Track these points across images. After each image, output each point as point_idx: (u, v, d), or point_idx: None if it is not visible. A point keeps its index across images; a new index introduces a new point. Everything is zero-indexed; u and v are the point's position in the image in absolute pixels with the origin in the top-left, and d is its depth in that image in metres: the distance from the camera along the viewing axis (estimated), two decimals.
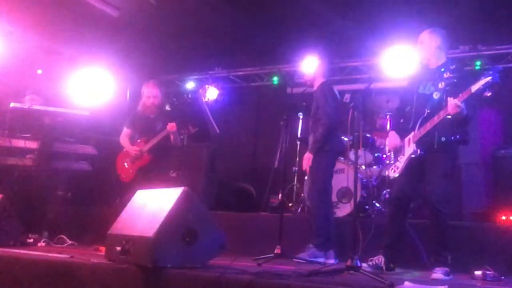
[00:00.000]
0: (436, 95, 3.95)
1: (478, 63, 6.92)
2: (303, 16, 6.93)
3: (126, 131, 5.69)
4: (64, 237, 5.38)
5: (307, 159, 4.74)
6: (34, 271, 3.63)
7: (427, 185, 3.96)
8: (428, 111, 3.93)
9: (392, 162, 4.22)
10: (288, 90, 5.18)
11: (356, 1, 6.49)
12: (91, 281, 3.37)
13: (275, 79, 8.30)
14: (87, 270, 3.44)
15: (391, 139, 4.23)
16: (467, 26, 6.74)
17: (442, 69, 4.04)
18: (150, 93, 5.58)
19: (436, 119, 3.84)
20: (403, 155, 4.09)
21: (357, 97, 3.75)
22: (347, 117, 3.82)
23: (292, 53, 7.53)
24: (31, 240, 5.21)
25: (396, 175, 4.13)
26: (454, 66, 4.05)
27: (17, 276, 3.68)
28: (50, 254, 3.99)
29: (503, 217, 5.17)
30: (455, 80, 3.91)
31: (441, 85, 3.95)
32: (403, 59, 6.24)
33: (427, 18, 5.52)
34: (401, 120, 4.25)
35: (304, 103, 5.88)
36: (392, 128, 4.36)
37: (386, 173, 4.35)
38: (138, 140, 5.58)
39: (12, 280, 3.68)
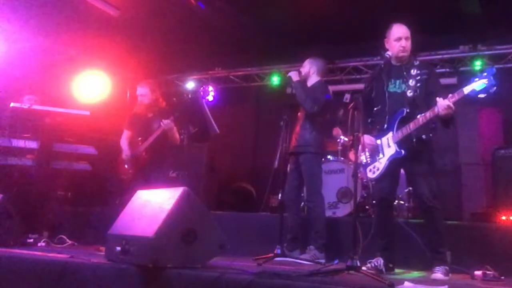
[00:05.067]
0: (409, 93, 3.91)
1: (478, 63, 6.92)
2: (303, 16, 6.93)
3: (126, 133, 5.75)
4: (64, 237, 5.37)
5: None
6: (34, 271, 3.63)
7: (415, 185, 3.95)
8: (407, 110, 3.88)
9: (369, 162, 4.12)
10: (288, 90, 5.18)
11: (356, 1, 6.49)
12: (91, 281, 3.37)
13: (275, 79, 8.32)
14: (87, 270, 3.43)
15: (368, 142, 4.08)
16: (467, 26, 6.74)
17: (408, 66, 3.99)
18: (139, 92, 5.67)
19: (421, 120, 3.78)
20: (383, 155, 4.01)
21: (357, 97, 3.74)
22: (347, 117, 3.82)
23: (292, 53, 7.53)
24: (31, 240, 5.20)
25: (376, 176, 4.05)
26: (418, 62, 4.02)
27: (17, 276, 3.68)
28: (50, 254, 3.98)
29: (503, 217, 5.17)
30: (426, 77, 3.90)
31: (411, 82, 3.92)
32: None
33: (427, 18, 5.53)
34: (369, 120, 4.16)
35: None
36: (363, 131, 4.18)
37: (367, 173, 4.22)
38: (140, 138, 5.61)
39: (12, 280, 3.68)
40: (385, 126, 4.00)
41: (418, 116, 3.80)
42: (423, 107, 3.83)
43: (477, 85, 3.57)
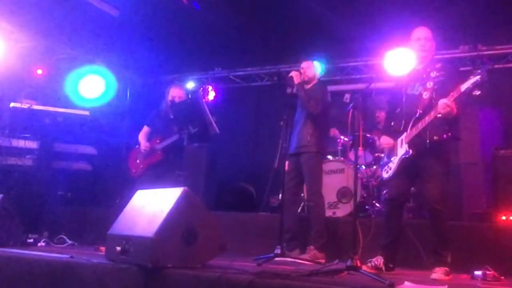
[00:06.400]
0: (425, 95, 3.94)
1: (482, 65, 6.91)
2: (303, 16, 6.93)
3: (145, 129, 5.88)
4: (64, 237, 5.37)
5: None
6: (34, 271, 3.63)
7: (424, 185, 3.96)
8: (420, 111, 3.91)
9: (386, 162, 4.21)
10: (288, 90, 5.20)
11: (356, 1, 6.49)
12: (91, 281, 3.37)
13: (275, 79, 8.30)
14: (87, 270, 3.43)
15: (385, 142, 4.21)
16: (467, 26, 6.74)
17: (428, 69, 4.03)
18: (175, 93, 5.76)
19: (427, 119, 3.83)
20: (396, 155, 4.08)
21: (357, 97, 3.74)
22: (347, 117, 3.82)
23: (292, 53, 7.53)
24: (31, 240, 5.20)
25: (388, 175, 4.12)
26: (439, 65, 4.05)
27: (17, 276, 3.68)
28: (50, 254, 3.98)
29: (503, 217, 5.17)
30: (443, 79, 3.92)
31: (429, 84, 3.94)
32: (404, 59, 6.24)
33: (427, 18, 5.52)
34: (392, 123, 4.23)
35: None
36: (383, 132, 4.33)
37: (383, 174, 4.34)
38: (158, 136, 5.73)
39: (12, 280, 3.68)
40: (401, 128, 4.06)
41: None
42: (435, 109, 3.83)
43: (472, 81, 3.60)
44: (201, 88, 8.45)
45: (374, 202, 5.97)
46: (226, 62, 8.63)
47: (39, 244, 5.18)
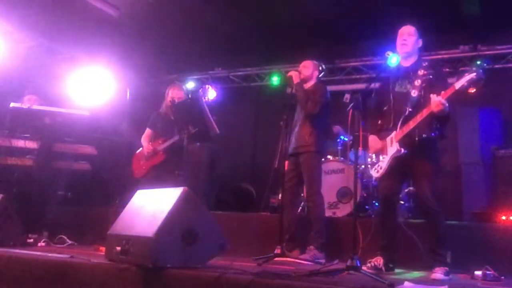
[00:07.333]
0: (414, 93, 3.94)
1: (478, 63, 6.93)
2: (303, 16, 6.93)
3: (147, 131, 5.89)
4: (64, 237, 5.37)
5: None
6: (34, 271, 3.63)
7: (415, 185, 3.96)
8: (410, 109, 3.91)
9: (374, 161, 4.19)
10: (288, 90, 5.21)
11: (357, 1, 6.49)
12: (91, 281, 3.37)
13: (275, 79, 8.31)
14: (87, 270, 3.43)
15: (372, 143, 4.19)
16: (467, 26, 6.75)
17: (415, 67, 4.03)
18: (176, 94, 5.76)
19: (419, 118, 3.82)
20: (386, 154, 4.05)
21: (357, 97, 3.74)
22: (347, 117, 3.82)
23: (292, 53, 7.53)
24: (31, 240, 5.20)
25: (379, 175, 4.10)
26: (426, 63, 4.05)
27: (17, 276, 3.68)
28: (50, 254, 3.98)
29: (503, 217, 5.17)
30: (431, 77, 3.92)
31: (417, 82, 3.95)
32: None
33: (427, 18, 5.53)
34: (379, 122, 4.22)
35: None
36: (371, 132, 4.29)
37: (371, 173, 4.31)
38: (160, 138, 5.75)
39: (12, 280, 3.68)
40: (391, 125, 4.05)
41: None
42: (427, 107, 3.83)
43: (467, 79, 3.60)
44: (201, 88, 8.45)
45: (374, 202, 5.96)
46: (226, 62, 8.64)
47: (39, 244, 5.17)
